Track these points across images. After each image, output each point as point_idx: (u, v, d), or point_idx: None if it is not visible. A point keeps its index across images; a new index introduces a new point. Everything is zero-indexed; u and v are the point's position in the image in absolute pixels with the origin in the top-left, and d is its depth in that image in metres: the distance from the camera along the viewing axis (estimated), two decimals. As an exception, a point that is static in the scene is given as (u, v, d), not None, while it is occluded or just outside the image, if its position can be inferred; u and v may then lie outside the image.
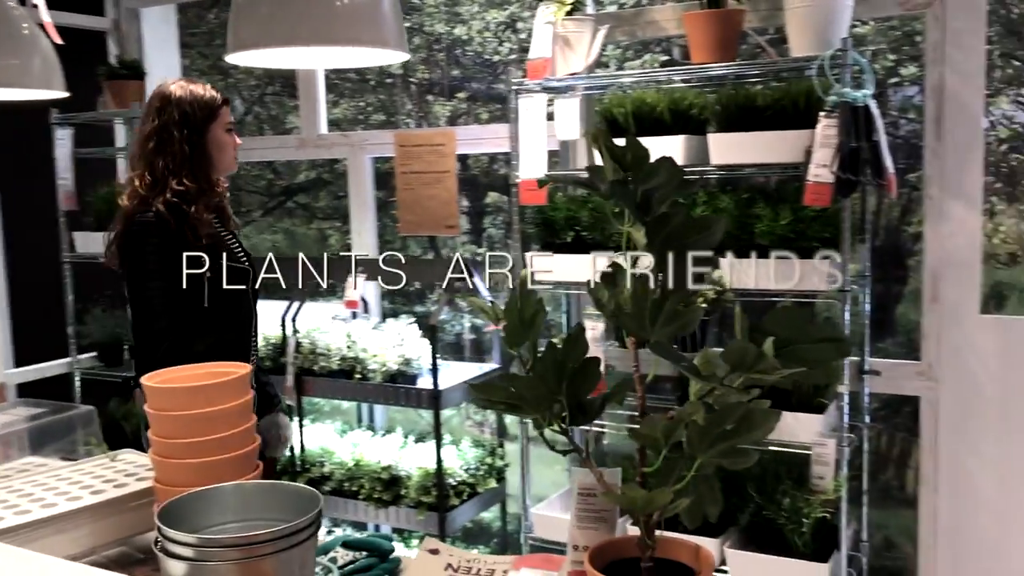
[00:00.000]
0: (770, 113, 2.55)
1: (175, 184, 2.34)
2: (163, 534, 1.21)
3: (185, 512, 1.29)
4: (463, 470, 3.23)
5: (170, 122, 2.38)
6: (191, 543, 1.19)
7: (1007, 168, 2.86)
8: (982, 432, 2.72)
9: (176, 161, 2.36)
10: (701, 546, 1.31)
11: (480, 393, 1.31)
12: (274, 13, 1.27)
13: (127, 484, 1.58)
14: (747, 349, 1.06)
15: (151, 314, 2.32)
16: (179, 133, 2.37)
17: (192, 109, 2.39)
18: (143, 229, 2.33)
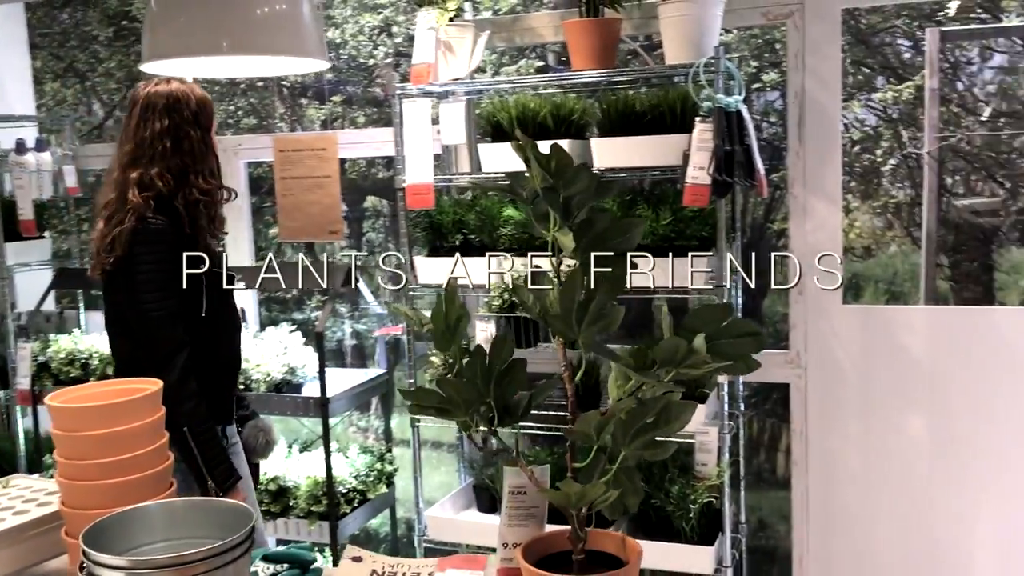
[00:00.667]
0: (649, 118, 2.65)
1: (202, 183, 2.33)
2: (89, 558, 1.16)
3: (108, 534, 1.24)
4: (353, 477, 3.21)
5: (184, 121, 2.33)
6: (121, 566, 1.15)
7: (860, 168, 3.09)
8: (846, 414, 2.92)
9: (197, 160, 2.35)
10: (627, 536, 1.37)
11: (412, 398, 1.33)
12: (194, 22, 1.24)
13: (27, 511, 1.51)
14: (678, 345, 1.12)
15: (170, 320, 2.28)
16: (195, 132, 2.34)
17: (200, 108, 2.35)
18: (154, 234, 2.28)
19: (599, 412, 1.22)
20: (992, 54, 2.94)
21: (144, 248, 2.28)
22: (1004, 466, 2.76)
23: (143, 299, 2.29)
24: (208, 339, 2.41)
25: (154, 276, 2.30)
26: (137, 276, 2.29)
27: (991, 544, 2.80)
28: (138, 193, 2.31)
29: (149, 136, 2.33)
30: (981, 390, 2.77)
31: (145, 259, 2.29)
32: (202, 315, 2.39)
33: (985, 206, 2.99)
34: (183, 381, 2.27)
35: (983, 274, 3.03)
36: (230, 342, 2.56)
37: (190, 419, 2.26)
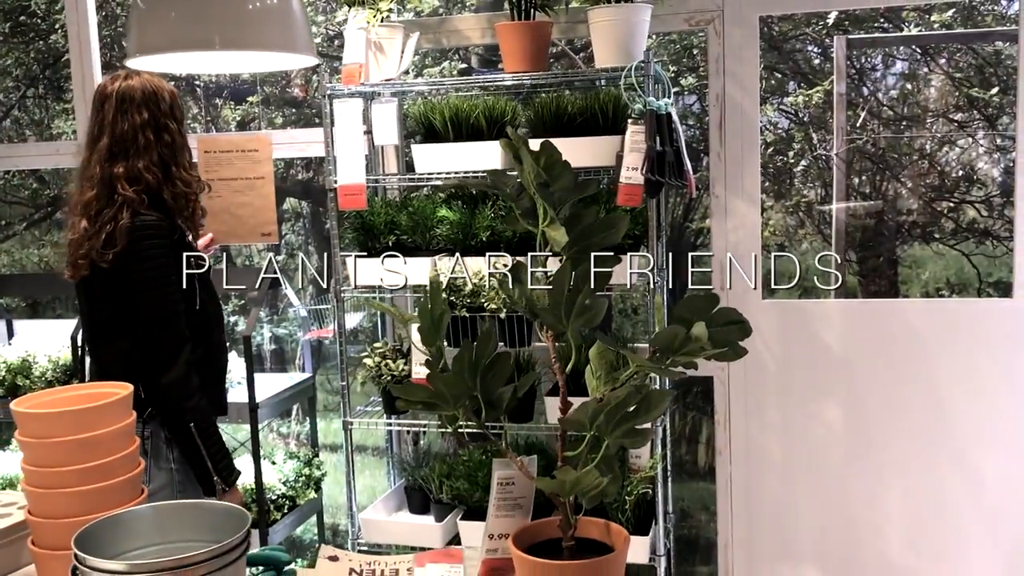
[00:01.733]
0: (580, 120, 2.72)
1: (184, 174, 2.30)
2: (85, 563, 1.13)
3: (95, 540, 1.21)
4: (282, 483, 3.16)
5: (163, 114, 2.29)
6: (119, 570, 1.12)
7: (774, 169, 3.22)
8: (767, 404, 3.05)
9: (177, 152, 2.32)
10: (611, 523, 1.41)
11: (401, 394, 1.33)
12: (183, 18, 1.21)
13: (-14, 524, 1.44)
14: (676, 333, 1.17)
15: (175, 316, 2.24)
16: (173, 124, 2.31)
17: (173, 100, 2.32)
18: (152, 229, 2.23)
19: (596, 400, 1.26)
20: (894, 61, 3.11)
21: (146, 243, 2.24)
22: (912, 448, 2.94)
23: (148, 296, 2.25)
24: (202, 333, 2.39)
25: (158, 272, 2.26)
26: (141, 273, 2.24)
27: (901, 523, 2.98)
28: (128, 187, 2.26)
29: (130, 129, 2.29)
30: (889, 377, 2.94)
31: (148, 255, 2.25)
32: (196, 308, 2.36)
33: (888, 205, 3.17)
34: (188, 376, 2.27)
35: (888, 268, 3.21)
36: (220, 335, 2.53)
37: (196, 414, 2.25)
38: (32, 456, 1.37)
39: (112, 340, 2.34)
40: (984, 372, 2.85)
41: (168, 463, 2.34)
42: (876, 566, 3.00)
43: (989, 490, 2.88)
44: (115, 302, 2.29)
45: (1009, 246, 2.89)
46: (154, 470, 2.32)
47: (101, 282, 2.29)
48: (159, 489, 2.31)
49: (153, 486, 2.28)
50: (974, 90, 3.12)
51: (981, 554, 2.92)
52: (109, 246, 2.23)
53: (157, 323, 2.25)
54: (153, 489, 2.28)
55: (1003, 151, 3.11)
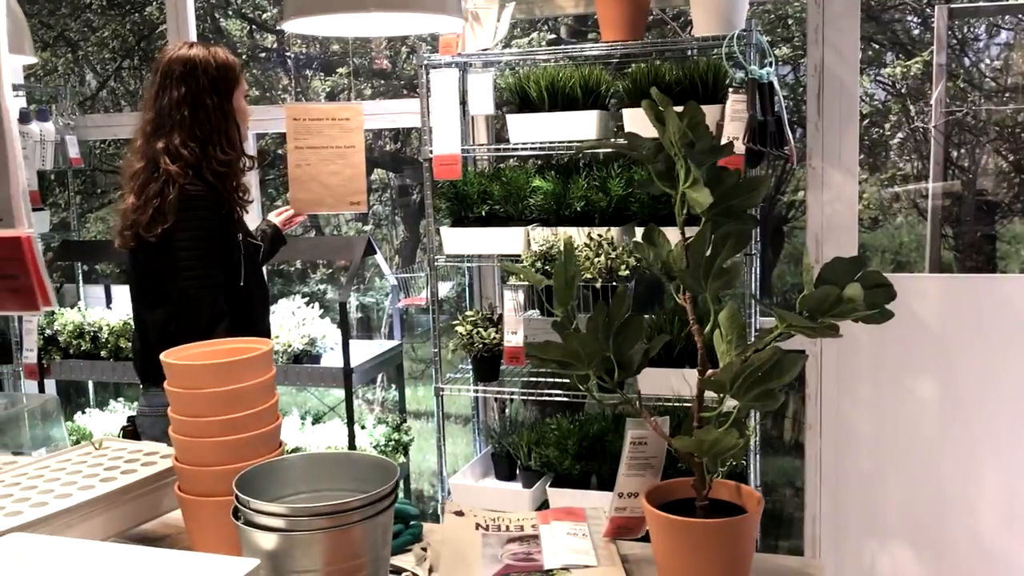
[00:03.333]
0: (678, 90, 2.70)
1: (220, 154, 2.27)
2: (248, 506, 1.18)
3: (252, 484, 1.26)
4: (373, 447, 3.23)
5: (200, 89, 2.28)
6: (281, 513, 1.17)
7: (868, 141, 3.17)
8: (858, 379, 3.02)
9: (215, 130, 2.29)
10: (742, 485, 1.42)
11: (537, 352, 1.36)
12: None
13: (134, 470, 1.51)
14: (829, 294, 1.17)
15: (213, 291, 2.23)
16: (211, 100, 2.30)
17: (220, 74, 2.31)
18: (200, 200, 2.24)
19: (741, 360, 1.27)
20: (998, 31, 3.04)
21: (190, 216, 2.25)
22: (1007, 426, 2.89)
23: (189, 268, 2.25)
24: (245, 310, 2.38)
25: (199, 245, 2.26)
26: (183, 245, 2.25)
27: (996, 502, 2.93)
28: (170, 163, 2.27)
29: (167, 105, 2.30)
30: (985, 354, 2.89)
31: (191, 227, 2.25)
32: (240, 285, 2.37)
33: (988, 179, 3.11)
34: None
35: (986, 244, 3.14)
36: (264, 313, 2.54)
37: None
38: (180, 406, 1.42)
39: (153, 308, 2.34)
40: (1088, 350, 2.78)
41: None
42: (968, 545, 2.97)
43: (1090, 470, 2.83)
44: (159, 271, 2.30)
45: (1114, 222, 2.81)
46: None
47: (147, 253, 2.31)
48: None
49: None
50: (1082, 61, 3.03)
51: (1079, 535, 2.87)
52: (157, 222, 2.24)
53: (195, 293, 2.24)
54: None
55: (1110, 124, 3.03)
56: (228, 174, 2.35)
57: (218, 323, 2.26)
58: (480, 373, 2.98)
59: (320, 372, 3.15)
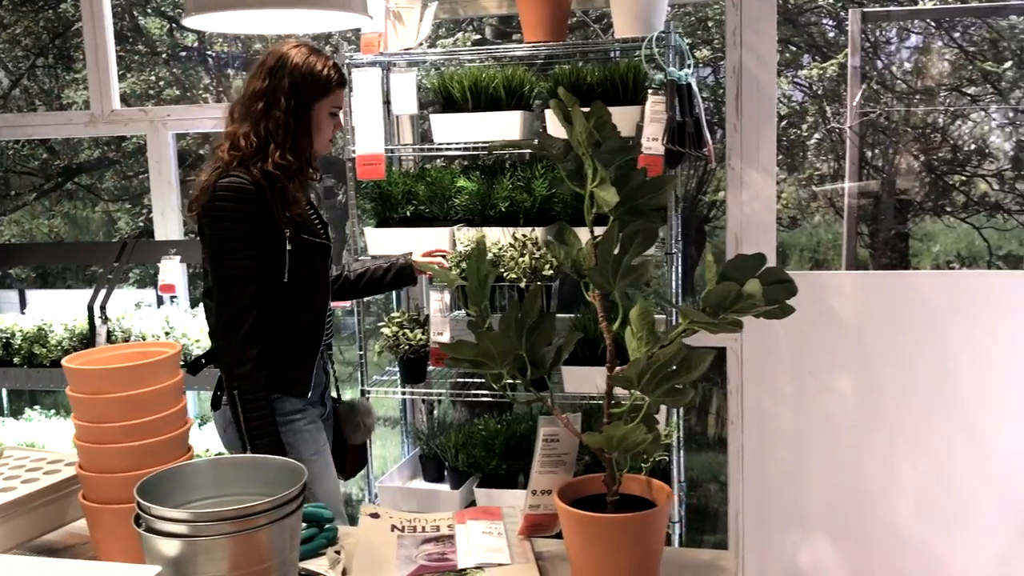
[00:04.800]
0: (599, 91, 2.73)
1: (277, 156, 2.19)
2: (149, 512, 1.15)
3: (156, 491, 1.23)
4: (298, 451, 3.18)
5: (279, 88, 2.21)
6: (183, 518, 1.15)
7: (786, 142, 3.24)
8: (778, 374, 3.08)
9: (280, 131, 2.21)
10: (652, 479, 1.44)
11: (450, 351, 1.36)
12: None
13: (36, 479, 1.47)
14: (729, 290, 1.20)
15: (242, 281, 2.15)
16: (286, 102, 2.21)
17: (304, 81, 2.23)
18: (235, 191, 2.15)
19: (646, 357, 1.28)
20: (908, 34, 3.13)
21: (224, 203, 2.15)
22: (921, 418, 2.98)
23: (218, 256, 2.18)
24: (286, 307, 2.27)
25: (231, 232, 2.16)
26: (215, 230, 2.17)
27: (911, 492, 3.02)
28: (228, 149, 2.22)
29: (250, 94, 2.25)
30: (899, 348, 2.97)
31: (223, 214, 2.16)
32: (283, 281, 2.25)
33: (900, 178, 3.20)
34: (245, 344, 2.17)
35: (899, 241, 3.23)
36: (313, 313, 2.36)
37: (243, 384, 2.16)
38: (83, 412, 1.39)
39: (205, 297, 2.30)
40: (993, 343, 2.88)
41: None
42: (885, 535, 3.05)
43: (997, 460, 2.93)
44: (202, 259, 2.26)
45: (1020, 219, 2.92)
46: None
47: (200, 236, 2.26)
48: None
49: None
50: (987, 64, 3.14)
51: (988, 523, 2.96)
52: (197, 200, 2.20)
53: (222, 284, 2.18)
54: None
55: (1015, 125, 3.14)
56: (280, 178, 2.22)
57: (243, 316, 2.17)
58: (407, 375, 2.97)
59: (243, 376, 3.09)
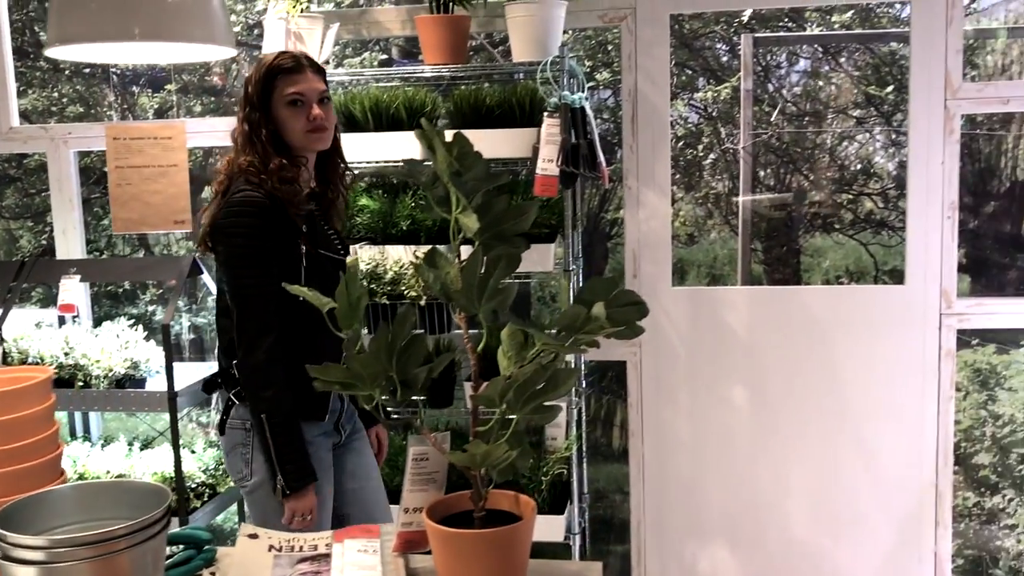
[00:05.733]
0: (499, 112, 2.79)
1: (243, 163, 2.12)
2: (5, 540, 1.16)
3: (18, 518, 1.24)
4: (201, 471, 3.16)
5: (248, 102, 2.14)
6: (40, 545, 1.16)
7: (684, 162, 3.34)
8: (677, 387, 3.18)
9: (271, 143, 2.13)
10: (520, 494, 1.49)
11: (318, 375, 1.39)
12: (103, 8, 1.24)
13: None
14: (579, 313, 1.26)
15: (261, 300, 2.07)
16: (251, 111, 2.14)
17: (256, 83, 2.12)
18: (252, 204, 2.07)
19: (504, 377, 1.33)
20: (798, 59, 3.26)
21: (236, 218, 2.08)
22: (812, 427, 3.10)
23: (234, 273, 2.10)
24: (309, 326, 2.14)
25: (246, 247, 2.08)
26: (229, 247, 2.09)
27: (802, 498, 3.14)
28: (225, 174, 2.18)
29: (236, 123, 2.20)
30: (791, 360, 3.10)
31: (236, 229, 2.08)
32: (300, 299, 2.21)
33: (792, 197, 3.33)
34: (268, 366, 2.08)
35: (791, 257, 3.36)
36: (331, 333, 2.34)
37: (270, 407, 2.07)
38: (-50, 439, 1.38)
39: (219, 316, 2.22)
40: (877, 353, 3.02)
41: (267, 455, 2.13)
42: (780, 540, 3.17)
43: (883, 465, 3.07)
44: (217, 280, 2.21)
45: (903, 236, 3.07)
46: (255, 463, 2.17)
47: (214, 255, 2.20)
48: (261, 483, 2.16)
49: (255, 480, 2.17)
50: (871, 88, 3.29)
51: (875, 527, 3.10)
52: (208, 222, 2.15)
53: (238, 303, 2.10)
54: (256, 482, 2.16)
55: (898, 146, 3.30)
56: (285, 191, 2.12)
57: (262, 336, 2.08)
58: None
59: (144, 396, 3.06)
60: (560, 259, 2.82)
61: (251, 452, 2.17)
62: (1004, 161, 3.45)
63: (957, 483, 3.88)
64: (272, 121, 2.15)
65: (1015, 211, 3.53)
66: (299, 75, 2.16)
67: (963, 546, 3.85)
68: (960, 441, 3.95)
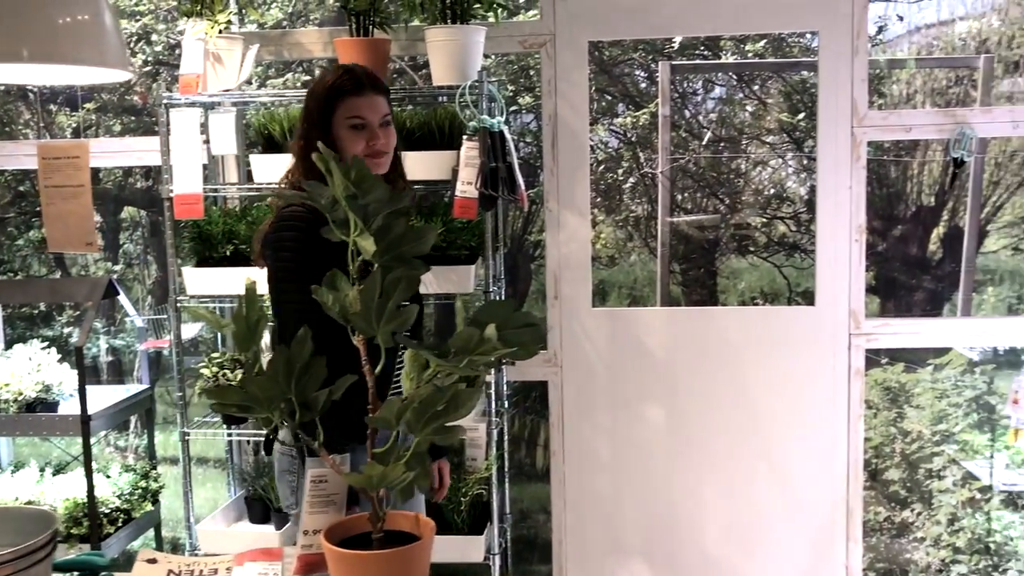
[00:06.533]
0: (419, 135, 2.82)
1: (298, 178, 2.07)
2: None
3: None
4: (116, 496, 3.10)
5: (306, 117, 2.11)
6: (-80, 575, 1.14)
7: (604, 185, 3.40)
8: (597, 406, 3.22)
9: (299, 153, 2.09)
10: (420, 515, 1.50)
11: (214, 397, 1.39)
12: (-8, 28, 1.23)
13: None
14: (473, 334, 1.28)
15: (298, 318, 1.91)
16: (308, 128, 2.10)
17: (316, 101, 2.08)
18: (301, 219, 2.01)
19: (400, 399, 1.35)
20: (713, 86, 3.36)
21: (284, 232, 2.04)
22: (726, 445, 3.17)
23: (279, 287, 2.06)
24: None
25: (290, 264, 2.03)
26: (275, 261, 2.05)
27: (717, 516, 3.20)
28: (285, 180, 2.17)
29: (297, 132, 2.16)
30: (707, 380, 3.16)
31: (283, 243, 2.04)
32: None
33: (709, 220, 3.41)
34: None
35: (708, 279, 3.44)
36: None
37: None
38: None
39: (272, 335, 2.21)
40: (789, 372, 3.10)
41: None
42: (696, 558, 3.22)
43: (795, 481, 3.14)
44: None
45: (814, 258, 3.16)
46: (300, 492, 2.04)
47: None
48: None
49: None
50: (783, 115, 3.40)
51: (789, 541, 3.17)
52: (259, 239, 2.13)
53: (280, 318, 2.06)
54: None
55: (809, 171, 3.41)
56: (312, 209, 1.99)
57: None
58: (230, 416, 2.95)
59: (56, 421, 3.00)
60: (482, 280, 2.85)
61: (298, 480, 2.07)
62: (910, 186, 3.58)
63: (868, 498, 3.99)
64: (330, 140, 2.09)
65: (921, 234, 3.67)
66: (361, 97, 2.12)
67: (874, 560, 3.95)
68: (871, 457, 4.07)
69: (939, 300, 4.06)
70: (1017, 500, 3.88)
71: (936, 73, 3.75)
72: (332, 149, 2.05)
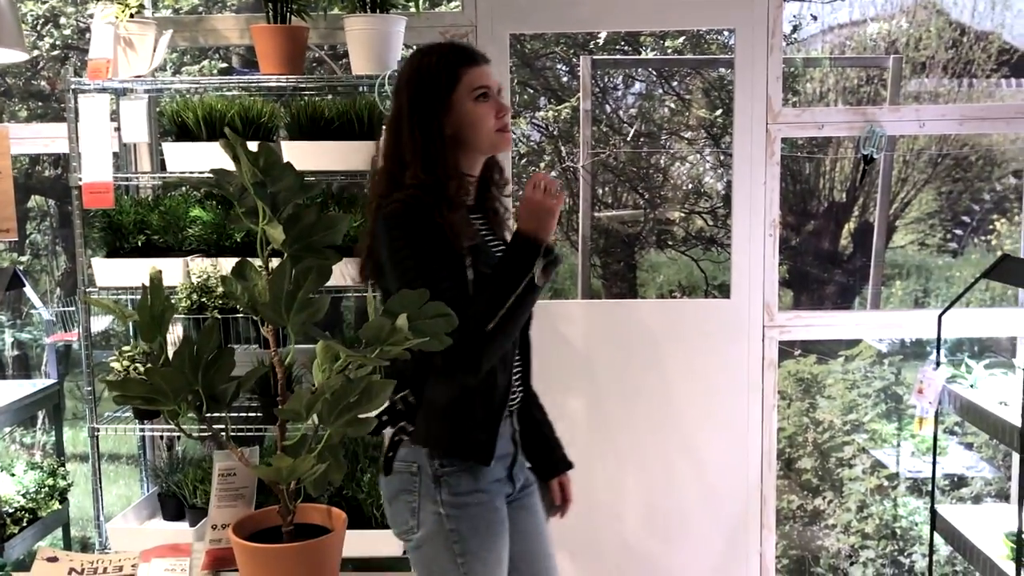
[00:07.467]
0: (338, 124, 2.78)
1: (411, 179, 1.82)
2: None
3: None
4: (20, 495, 2.99)
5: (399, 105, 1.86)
6: None
7: (527, 179, 3.41)
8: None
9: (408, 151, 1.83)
10: (332, 508, 1.49)
11: (118, 389, 1.35)
12: None
13: None
14: (384, 324, 1.27)
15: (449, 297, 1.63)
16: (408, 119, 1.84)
17: (420, 81, 1.82)
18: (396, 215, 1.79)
19: (310, 390, 1.33)
20: (633, 82, 3.39)
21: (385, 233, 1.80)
22: (645, 436, 3.21)
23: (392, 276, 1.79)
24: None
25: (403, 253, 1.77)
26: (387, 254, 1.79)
27: (636, 506, 3.24)
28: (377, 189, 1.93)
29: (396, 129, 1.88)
30: (626, 372, 3.20)
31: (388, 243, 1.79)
32: None
33: (629, 215, 3.45)
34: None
35: (628, 272, 3.48)
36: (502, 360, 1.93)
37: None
38: None
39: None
40: (706, 364, 3.16)
41: (436, 504, 1.87)
42: (615, 548, 3.25)
43: (711, 471, 3.20)
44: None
45: (730, 252, 3.23)
46: (422, 513, 1.88)
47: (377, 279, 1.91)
48: (428, 537, 1.88)
49: (421, 533, 1.88)
50: (702, 111, 3.46)
51: (706, 530, 3.23)
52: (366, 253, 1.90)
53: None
54: (423, 536, 1.88)
55: (725, 167, 3.47)
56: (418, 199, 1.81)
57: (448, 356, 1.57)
58: (143, 410, 2.87)
59: (-45, 417, 2.89)
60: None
61: (418, 500, 1.88)
62: (822, 182, 3.68)
63: (781, 487, 4.10)
64: (451, 120, 1.84)
65: (833, 229, 3.78)
66: (480, 67, 1.88)
67: (788, 547, 4.06)
68: (784, 447, 4.17)
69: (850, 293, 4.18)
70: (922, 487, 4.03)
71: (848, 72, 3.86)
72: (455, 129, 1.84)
